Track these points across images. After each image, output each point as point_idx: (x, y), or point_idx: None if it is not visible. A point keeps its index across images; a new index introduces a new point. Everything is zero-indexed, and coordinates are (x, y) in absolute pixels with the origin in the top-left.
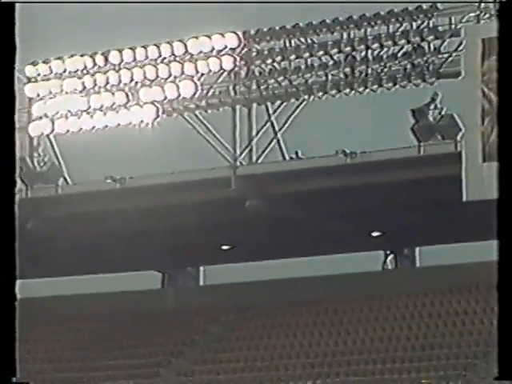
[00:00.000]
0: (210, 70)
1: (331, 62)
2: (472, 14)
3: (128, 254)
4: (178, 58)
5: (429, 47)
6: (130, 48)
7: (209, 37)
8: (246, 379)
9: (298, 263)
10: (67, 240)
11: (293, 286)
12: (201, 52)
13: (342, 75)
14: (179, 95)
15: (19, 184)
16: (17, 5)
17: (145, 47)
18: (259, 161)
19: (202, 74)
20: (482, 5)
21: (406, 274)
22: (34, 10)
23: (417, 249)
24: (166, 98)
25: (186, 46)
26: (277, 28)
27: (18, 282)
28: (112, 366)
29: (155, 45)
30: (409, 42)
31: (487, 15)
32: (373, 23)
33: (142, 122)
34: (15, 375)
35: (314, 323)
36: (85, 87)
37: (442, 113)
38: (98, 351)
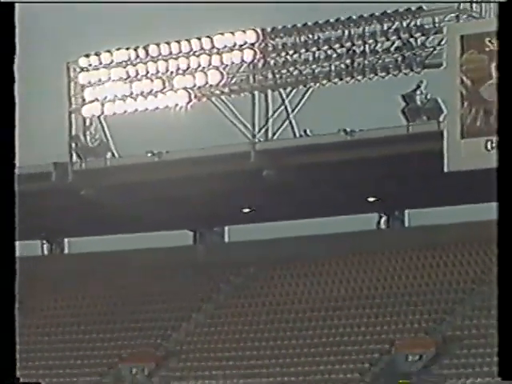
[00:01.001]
0: (233, 62)
1: (334, 55)
2: (452, 15)
3: (165, 216)
4: (206, 51)
5: (416, 42)
6: (166, 42)
7: (232, 33)
8: (264, 321)
9: (307, 223)
10: (114, 204)
11: (302, 242)
12: (225, 46)
13: (343, 66)
14: (207, 83)
15: (75, 157)
16: (70, 5)
17: (178, 42)
18: (274, 138)
19: (227, 65)
20: (461, 6)
21: (396, 232)
22: (86, 9)
23: (406, 211)
24: (196, 85)
25: (212, 41)
26: (289, 26)
27: (72, 240)
28: (153, 309)
29: (187, 40)
30: (399, 38)
31: (465, 15)
32: (369, 22)
33: (176, 105)
34: (15, 375)
35: (319, 273)
36: (129, 76)
37: (427, 97)
38: (140, 297)
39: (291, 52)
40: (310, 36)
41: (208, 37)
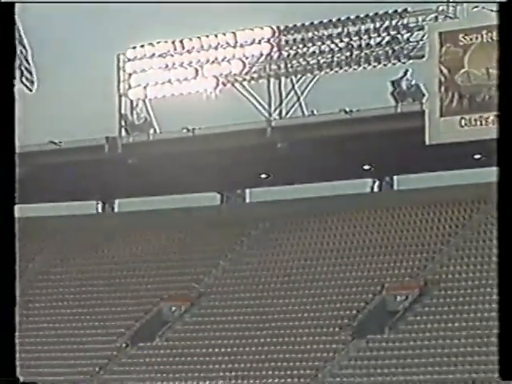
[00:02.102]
0: (253, 54)
1: (336, 48)
2: (432, 15)
3: (197, 181)
4: (230, 45)
5: (402, 38)
6: (198, 37)
7: (252, 29)
8: (278, 266)
9: (314, 187)
10: (155, 171)
11: (309, 202)
12: (246, 40)
13: (343, 57)
14: (231, 71)
15: (123, 133)
16: (122, 5)
17: (207, 36)
18: (287, 116)
19: (247, 56)
20: (440, 8)
21: (386, 195)
22: (133, 8)
23: (394, 177)
24: (222, 73)
25: (236, 36)
26: (299, 24)
27: (121, 200)
28: (188, 258)
29: (215, 35)
30: (389, 34)
31: (443, 16)
32: (364, 21)
33: (206, 89)
34: (15, 375)
35: (323, 228)
36: (167, 65)
37: (412, 83)
38: (177, 247)
39: (301, 46)
40: (316, 32)
41: (232, 32)
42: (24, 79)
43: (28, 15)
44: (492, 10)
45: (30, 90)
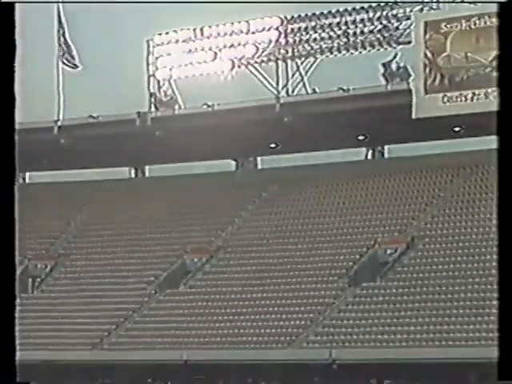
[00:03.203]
0: (263, 40)
1: (334, 35)
2: (418, 7)
3: (216, 150)
4: (244, 32)
5: (392, 26)
6: (216, 25)
7: (262, 19)
8: (286, 223)
9: (315, 155)
10: (180, 141)
11: (311, 168)
12: (258, 28)
13: (341, 43)
14: (245, 55)
15: (152, 108)
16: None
17: (224, 24)
18: (293, 94)
19: (259, 42)
20: (425, 0)
21: (378, 162)
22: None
23: (385, 146)
24: (237, 56)
25: (249, 24)
26: (303, 15)
27: (152, 167)
28: (207, 216)
29: (231, 23)
30: (380, 23)
31: (427, 7)
32: (359, 12)
33: (223, 71)
34: (15, 375)
35: (324, 190)
36: (189, 49)
37: (400, 65)
38: (197, 207)
39: (304, 33)
40: (318, 22)
41: (246, 21)
42: (65, 60)
43: (73, 7)
44: (470, 3)
45: (73, 68)
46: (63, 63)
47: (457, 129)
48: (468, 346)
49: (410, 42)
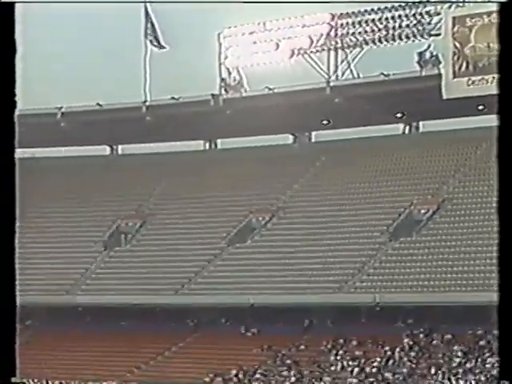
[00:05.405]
0: (316, 33)
1: (377, 29)
2: (447, 4)
3: (276, 125)
4: (300, 25)
5: (425, 21)
6: (276, 19)
7: (316, 14)
8: (336, 189)
9: (361, 129)
10: (247, 119)
11: (358, 141)
12: (312, 23)
13: (382, 35)
14: (301, 45)
15: (223, 91)
16: None
17: (284, 19)
18: (341, 78)
19: (313, 35)
20: None
21: (413, 136)
22: None
23: (420, 122)
24: (295, 46)
25: (304, 19)
26: (350, 12)
27: (219, 141)
28: (267, 183)
29: (289, 18)
30: (415, 18)
31: (454, 5)
32: (397, 9)
33: (282, 59)
34: (15, 375)
35: (368, 160)
36: (255, 41)
37: (432, 54)
38: (258, 176)
39: (351, 27)
40: (363, 17)
41: (301, 16)
42: (151, 41)
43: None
44: (490, 1)
45: (159, 48)
46: (151, 43)
47: (480, 107)
48: (490, 291)
49: (440, 35)
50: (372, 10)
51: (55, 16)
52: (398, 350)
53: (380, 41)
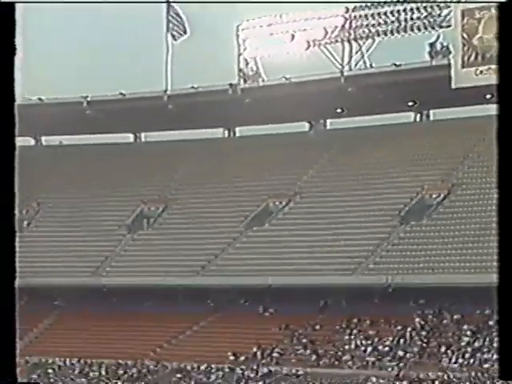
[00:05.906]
0: (331, 25)
1: (388, 21)
2: None
3: (293, 114)
4: (316, 18)
5: (436, 13)
6: (293, 12)
7: (330, 8)
8: (350, 174)
9: (373, 118)
10: (264, 107)
11: (371, 128)
12: (327, 15)
13: (394, 27)
14: (316, 37)
15: (241, 81)
16: None
17: (300, 13)
18: (355, 68)
19: (328, 27)
20: None
21: (424, 123)
22: None
23: (431, 111)
24: (310, 38)
25: (319, 12)
26: (363, 5)
27: (242, 128)
28: (283, 168)
29: (303, 11)
30: (426, 10)
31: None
32: (408, 2)
33: (298, 50)
34: (15, 375)
35: (380, 146)
36: (272, 33)
37: (443, 44)
38: (274, 162)
39: (365, 19)
40: (375, 10)
41: (317, 10)
42: (173, 35)
43: None
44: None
45: (182, 35)
46: (173, 37)
47: (488, 96)
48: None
49: (449, 26)
50: (385, 2)
51: (82, 9)
52: (409, 329)
53: (392, 32)
